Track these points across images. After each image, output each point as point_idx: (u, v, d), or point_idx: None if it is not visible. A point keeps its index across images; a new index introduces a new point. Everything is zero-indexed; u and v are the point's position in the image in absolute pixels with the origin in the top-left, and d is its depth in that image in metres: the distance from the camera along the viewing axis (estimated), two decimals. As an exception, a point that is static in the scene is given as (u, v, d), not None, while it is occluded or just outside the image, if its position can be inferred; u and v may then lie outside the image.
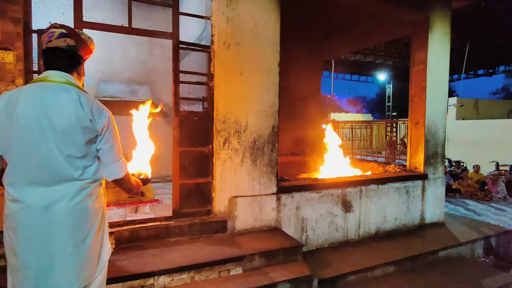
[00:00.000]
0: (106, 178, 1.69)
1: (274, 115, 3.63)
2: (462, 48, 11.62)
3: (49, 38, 1.57)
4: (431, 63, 4.63)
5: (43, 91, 1.50)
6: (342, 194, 3.99)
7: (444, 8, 4.68)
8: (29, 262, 1.47)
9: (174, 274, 2.67)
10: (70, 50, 1.60)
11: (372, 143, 13.94)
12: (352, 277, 3.31)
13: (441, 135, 4.83)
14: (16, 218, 1.47)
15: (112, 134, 1.64)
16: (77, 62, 1.65)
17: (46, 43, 1.58)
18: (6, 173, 1.51)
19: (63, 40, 1.58)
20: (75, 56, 1.63)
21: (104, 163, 1.65)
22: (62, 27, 1.60)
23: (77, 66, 1.65)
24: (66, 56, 1.60)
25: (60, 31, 1.58)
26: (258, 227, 3.52)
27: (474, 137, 11.72)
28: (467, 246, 4.18)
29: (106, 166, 1.65)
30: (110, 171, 1.66)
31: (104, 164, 1.65)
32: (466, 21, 9.52)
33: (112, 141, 1.63)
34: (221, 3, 3.32)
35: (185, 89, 3.43)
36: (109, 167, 1.65)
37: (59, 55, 1.59)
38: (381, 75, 17.63)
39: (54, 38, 1.57)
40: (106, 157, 1.63)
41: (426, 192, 4.68)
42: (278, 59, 3.62)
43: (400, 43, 11.75)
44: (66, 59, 1.60)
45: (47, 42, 1.58)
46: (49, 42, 1.58)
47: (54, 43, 1.57)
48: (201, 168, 3.47)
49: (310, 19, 5.66)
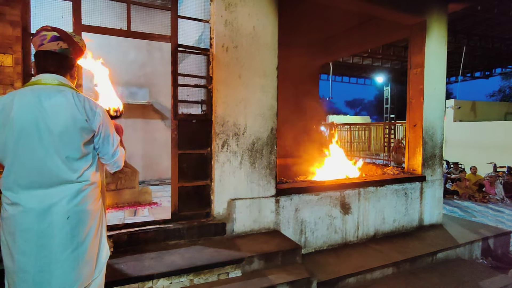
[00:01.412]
0: (109, 171, 1.75)
1: (272, 118, 3.64)
2: (459, 51, 11.71)
3: (41, 42, 1.57)
4: (428, 66, 4.66)
5: (37, 94, 1.49)
6: (341, 196, 4.00)
7: (440, 12, 4.72)
8: (27, 265, 1.46)
9: (173, 277, 2.66)
10: (63, 53, 1.60)
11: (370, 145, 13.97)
12: (351, 279, 3.31)
13: (439, 137, 4.86)
14: (14, 221, 1.47)
15: (108, 130, 1.65)
16: (70, 65, 1.65)
17: (38, 46, 1.58)
18: (3, 177, 1.51)
19: (56, 43, 1.58)
20: (68, 59, 1.63)
21: (103, 159, 1.67)
22: (54, 30, 1.59)
23: (70, 68, 1.66)
24: (59, 59, 1.60)
25: (52, 34, 1.58)
26: (257, 229, 3.52)
27: (471, 139, 11.78)
28: (465, 248, 4.19)
29: (106, 162, 1.68)
30: (111, 165, 1.70)
31: (104, 160, 1.67)
32: (462, 24, 9.61)
33: (108, 138, 1.65)
34: (219, 6, 3.34)
35: (184, 92, 3.44)
36: (109, 162, 1.67)
37: (52, 58, 1.59)
38: (379, 77, 17.70)
39: (47, 42, 1.56)
40: (104, 153, 1.66)
41: (424, 193, 4.69)
42: (276, 63, 3.63)
43: (398, 46, 11.82)
44: (59, 62, 1.60)
45: (39, 45, 1.57)
46: (41, 45, 1.57)
47: (47, 47, 1.57)
48: (200, 170, 3.47)
49: (308, 23, 5.70)
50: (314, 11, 5.03)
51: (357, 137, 13.76)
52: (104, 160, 1.68)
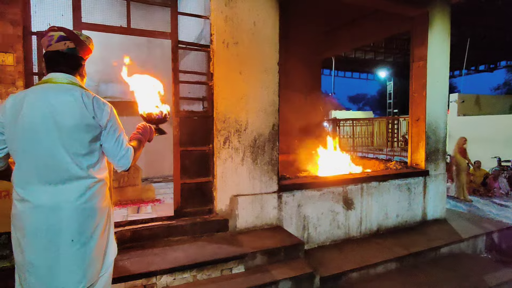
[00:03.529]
0: (117, 170, 1.71)
1: (274, 114, 3.63)
2: (463, 44, 11.57)
3: (49, 42, 1.59)
4: (431, 59, 4.61)
5: (47, 92, 1.53)
6: (343, 192, 3.99)
7: (443, 3, 4.66)
8: (36, 261, 1.49)
9: (177, 273, 2.68)
10: (70, 52, 1.63)
11: (373, 141, 13.91)
12: (354, 274, 3.31)
13: (442, 132, 4.82)
14: (24, 217, 1.49)
15: (115, 127, 1.65)
16: (78, 64, 1.67)
17: (47, 47, 1.60)
18: (14, 174, 1.54)
19: (62, 43, 1.60)
20: (76, 58, 1.66)
21: (110, 157, 1.67)
22: (61, 30, 1.61)
23: (79, 67, 1.68)
24: (67, 59, 1.63)
25: (59, 34, 1.60)
26: (260, 225, 3.53)
27: (475, 133, 11.66)
28: (469, 242, 4.18)
29: (113, 160, 1.67)
30: (118, 164, 1.68)
31: (111, 158, 1.67)
32: (466, 16, 9.47)
33: (116, 135, 1.65)
34: (219, 2, 3.32)
35: (185, 88, 3.44)
36: (115, 160, 1.67)
37: (60, 58, 1.61)
38: (382, 72, 17.60)
39: (54, 42, 1.59)
40: (111, 151, 1.66)
41: (428, 188, 4.67)
42: (277, 58, 3.61)
43: (401, 39, 11.71)
44: (67, 62, 1.63)
45: (47, 46, 1.60)
46: (49, 46, 1.60)
47: (54, 47, 1.59)
48: (202, 167, 3.48)
49: (309, 17, 5.66)
50: (315, 3, 4.98)
51: (360, 132, 13.70)
52: (109, 158, 1.68)
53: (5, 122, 1.53)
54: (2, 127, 1.54)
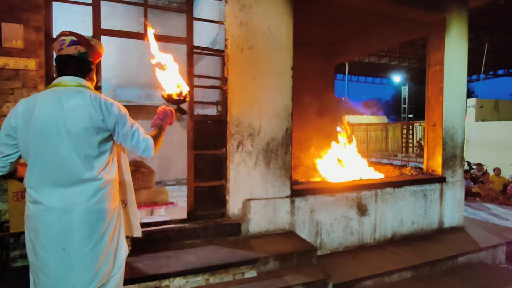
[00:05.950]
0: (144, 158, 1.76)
1: (287, 118, 3.63)
2: (481, 48, 11.31)
3: (60, 46, 1.63)
4: (448, 63, 4.53)
5: (57, 95, 1.56)
6: (357, 198, 3.94)
7: (460, 8, 4.58)
8: (48, 261, 1.52)
9: (189, 276, 2.69)
10: (81, 57, 1.66)
11: (388, 146, 13.68)
12: (368, 282, 3.25)
13: (460, 137, 4.71)
14: (37, 219, 1.53)
15: (126, 124, 1.67)
16: (88, 68, 1.71)
17: (58, 51, 1.64)
18: (26, 176, 1.58)
19: (74, 47, 1.63)
20: (86, 62, 1.69)
21: (133, 152, 1.73)
22: (72, 34, 1.65)
23: (89, 71, 1.72)
24: (78, 63, 1.66)
25: (71, 39, 1.63)
26: (272, 230, 3.51)
27: (494, 139, 11.34)
28: (488, 252, 4.04)
29: (136, 153, 1.72)
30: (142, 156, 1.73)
31: (134, 153, 1.72)
32: (484, 20, 9.26)
33: (130, 133, 1.68)
34: (234, 7, 3.36)
35: (199, 93, 3.48)
36: (138, 154, 1.72)
37: (71, 62, 1.65)
38: (396, 77, 17.35)
39: (65, 46, 1.62)
40: (131, 148, 1.71)
41: (445, 195, 4.56)
42: (291, 63, 3.62)
43: (416, 44, 11.54)
44: (77, 66, 1.66)
45: (58, 50, 1.64)
46: (60, 50, 1.63)
47: (66, 51, 1.63)
48: (215, 171, 3.49)
49: (323, 22, 5.64)
50: (329, 9, 4.97)
51: (373, 137, 13.51)
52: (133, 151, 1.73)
53: (17, 126, 1.56)
54: (15, 132, 1.57)
